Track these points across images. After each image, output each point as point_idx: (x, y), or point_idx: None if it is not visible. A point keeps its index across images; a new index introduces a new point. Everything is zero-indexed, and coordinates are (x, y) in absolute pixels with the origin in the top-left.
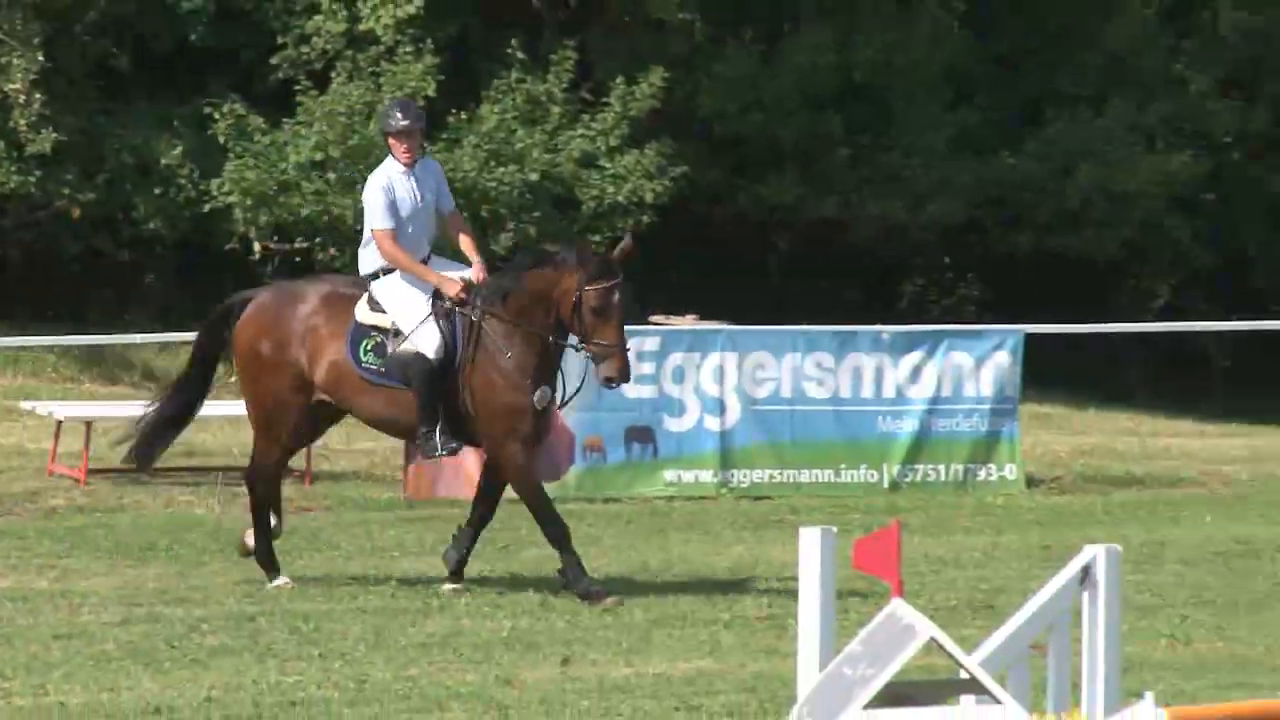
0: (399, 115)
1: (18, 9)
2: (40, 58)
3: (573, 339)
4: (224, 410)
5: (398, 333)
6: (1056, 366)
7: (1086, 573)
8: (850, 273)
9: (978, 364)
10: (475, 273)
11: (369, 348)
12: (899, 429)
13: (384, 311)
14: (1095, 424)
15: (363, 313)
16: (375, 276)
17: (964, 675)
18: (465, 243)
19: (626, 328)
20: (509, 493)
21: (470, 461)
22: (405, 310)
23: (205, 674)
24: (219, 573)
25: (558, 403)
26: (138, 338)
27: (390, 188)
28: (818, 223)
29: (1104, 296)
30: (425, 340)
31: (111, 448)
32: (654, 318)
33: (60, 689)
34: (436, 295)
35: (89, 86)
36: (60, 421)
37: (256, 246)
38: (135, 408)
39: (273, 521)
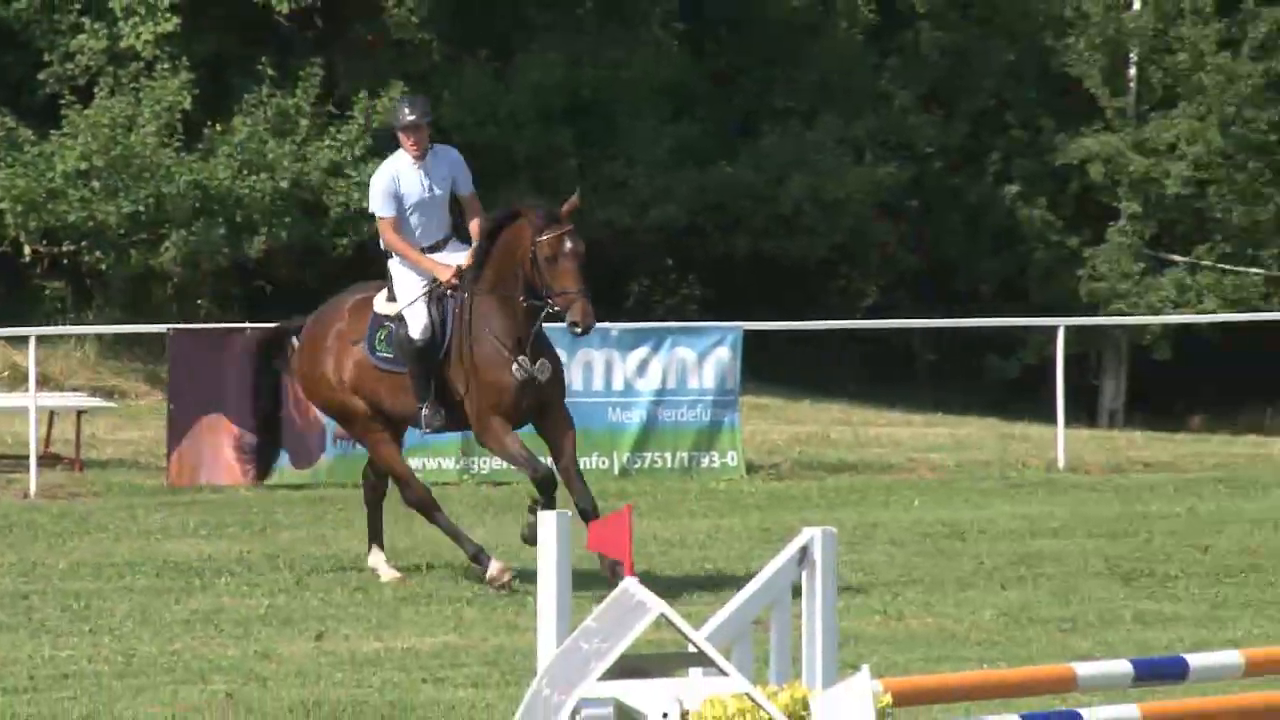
0: (406, 111)
1: None
2: None
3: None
4: None
5: (402, 318)
6: (775, 361)
7: (804, 553)
8: None
9: (700, 359)
10: (467, 256)
11: (381, 337)
12: (628, 419)
13: (395, 300)
14: (810, 414)
15: (380, 304)
16: (389, 256)
17: (691, 649)
18: (473, 226)
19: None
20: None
21: (228, 450)
22: (404, 295)
23: None
24: None
25: (546, 371)
26: None
27: (396, 178)
28: None
29: (816, 296)
30: (413, 322)
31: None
32: None
33: None
34: (435, 280)
35: None
36: None
37: (27, 250)
38: None
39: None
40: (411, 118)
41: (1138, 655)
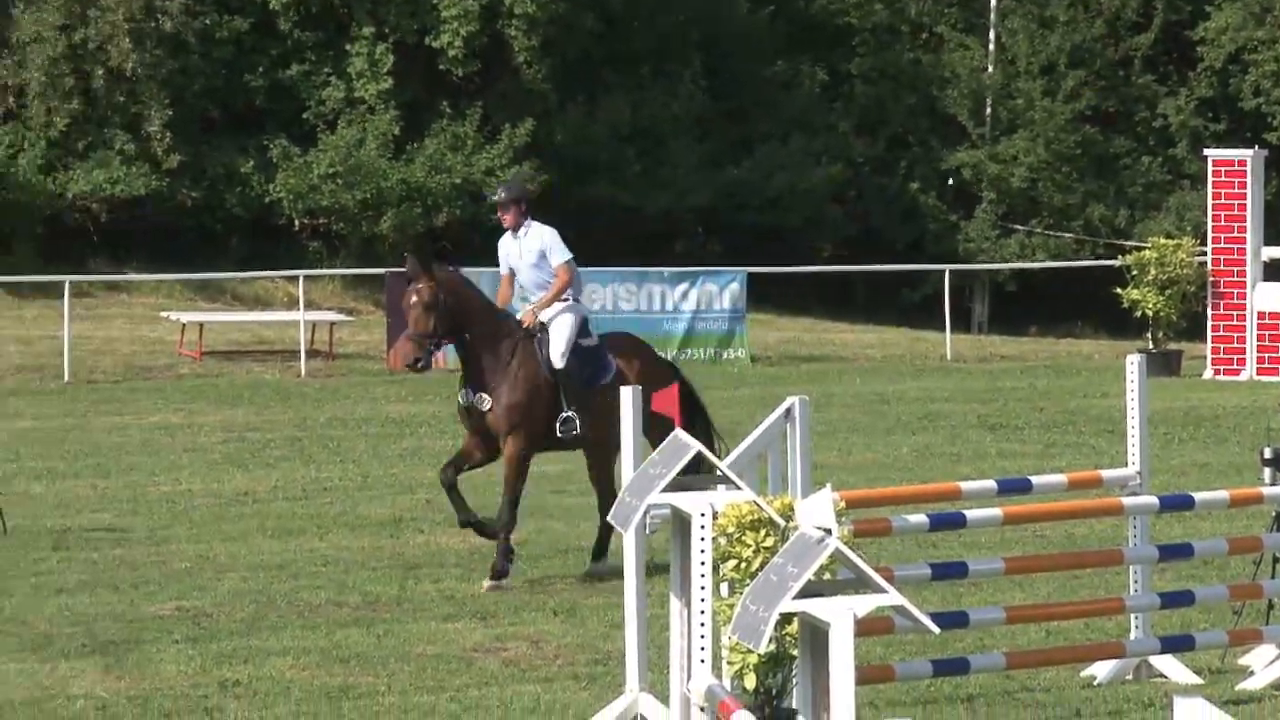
0: (500, 192)
1: None
2: None
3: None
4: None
5: None
6: (768, 291)
7: (789, 413)
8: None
9: (720, 290)
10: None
11: None
12: (675, 328)
13: None
14: (791, 325)
15: None
16: None
17: (719, 474)
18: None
19: None
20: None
21: None
22: None
23: None
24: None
25: (485, 403)
26: (219, 275)
27: (501, 247)
28: None
29: (794, 251)
30: None
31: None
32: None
33: (187, 480)
34: None
35: None
36: (184, 324)
37: (298, 223)
38: (223, 316)
39: None
40: (497, 198)
41: (1000, 476)
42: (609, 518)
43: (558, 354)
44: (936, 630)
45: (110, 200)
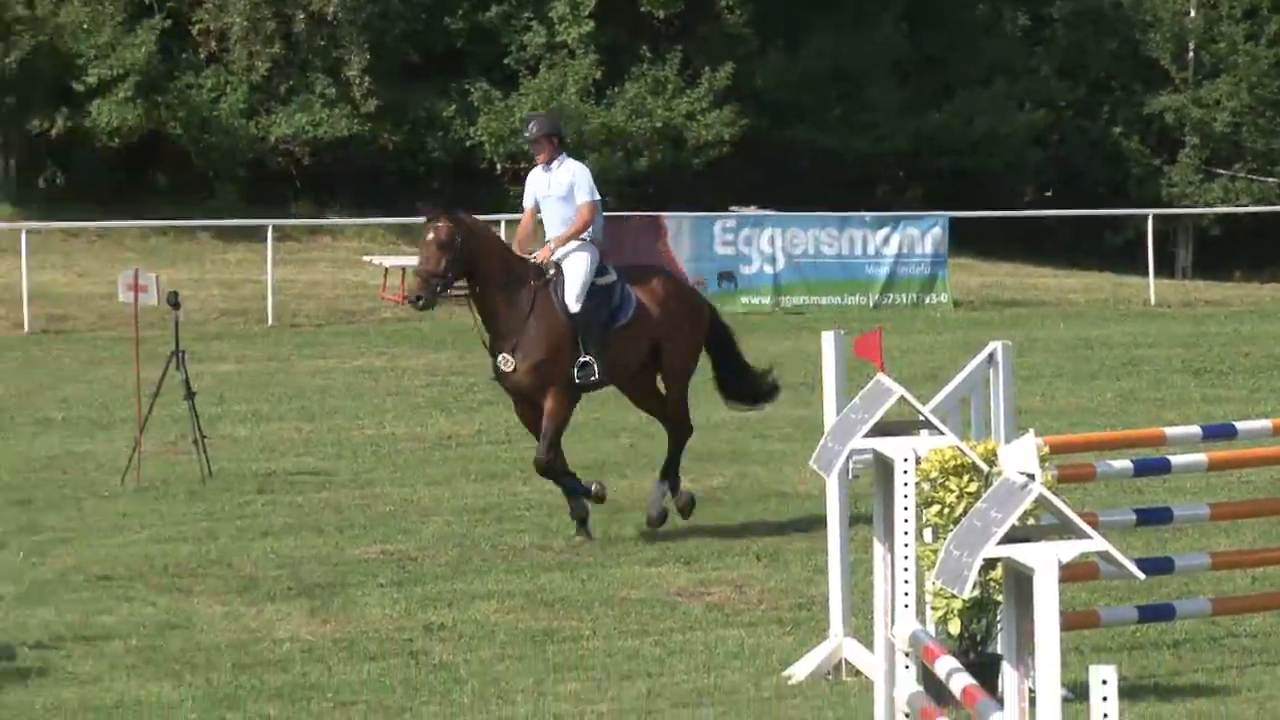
0: (531, 128)
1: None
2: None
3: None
4: None
5: None
6: (970, 236)
7: (991, 358)
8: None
9: (922, 235)
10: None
11: None
12: (878, 272)
13: None
14: (993, 270)
15: None
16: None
17: (921, 418)
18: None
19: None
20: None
21: None
22: None
23: None
24: None
25: (509, 364)
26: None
27: (530, 181)
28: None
29: (993, 195)
30: None
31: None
32: (732, 206)
33: (391, 424)
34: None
35: None
36: (386, 268)
37: (499, 166)
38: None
39: None
40: (528, 133)
41: (1204, 422)
42: (813, 463)
43: (572, 297)
44: (1141, 576)
45: (312, 143)
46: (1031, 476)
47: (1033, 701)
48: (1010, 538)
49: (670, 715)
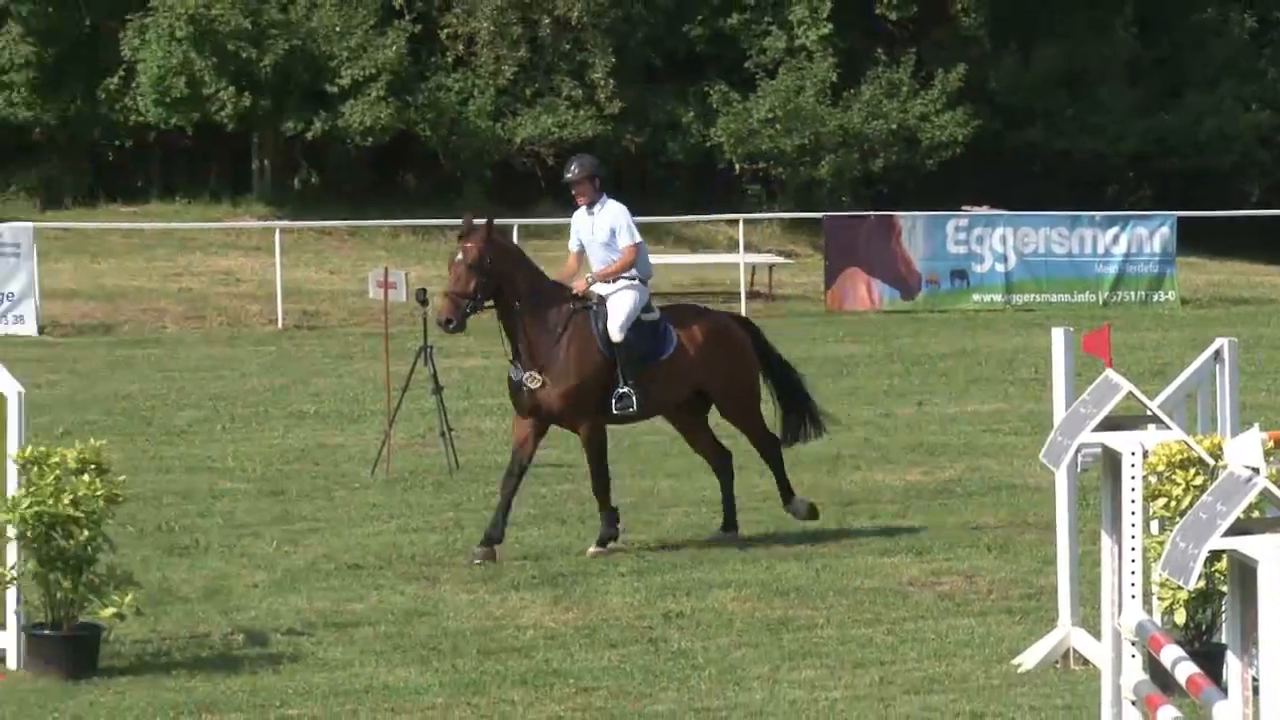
0: (571, 169)
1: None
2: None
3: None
4: None
5: None
6: (1197, 235)
7: (1218, 354)
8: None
9: (1150, 234)
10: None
11: None
12: (1106, 271)
13: None
14: (1219, 268)
15: None
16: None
17: (1148, 413)
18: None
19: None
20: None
21: (863, 290)
22: None
23: None
24: None
25: (536, 382)
26: (662, 218)
27: (574, 223)
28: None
29: (1220, 195)
30: None
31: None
32: (964, 206)
33: None
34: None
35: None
36: None
37: (737, 166)
38: (665, 258)
39: None
40: (568, 177)
41: None
42: (1042, 456)
43: (616, 327)
44: None
45: (557, 145)
46: (1256, 470)
47: (1256, 690)
48: (1235, 530)
49: (902, 702)
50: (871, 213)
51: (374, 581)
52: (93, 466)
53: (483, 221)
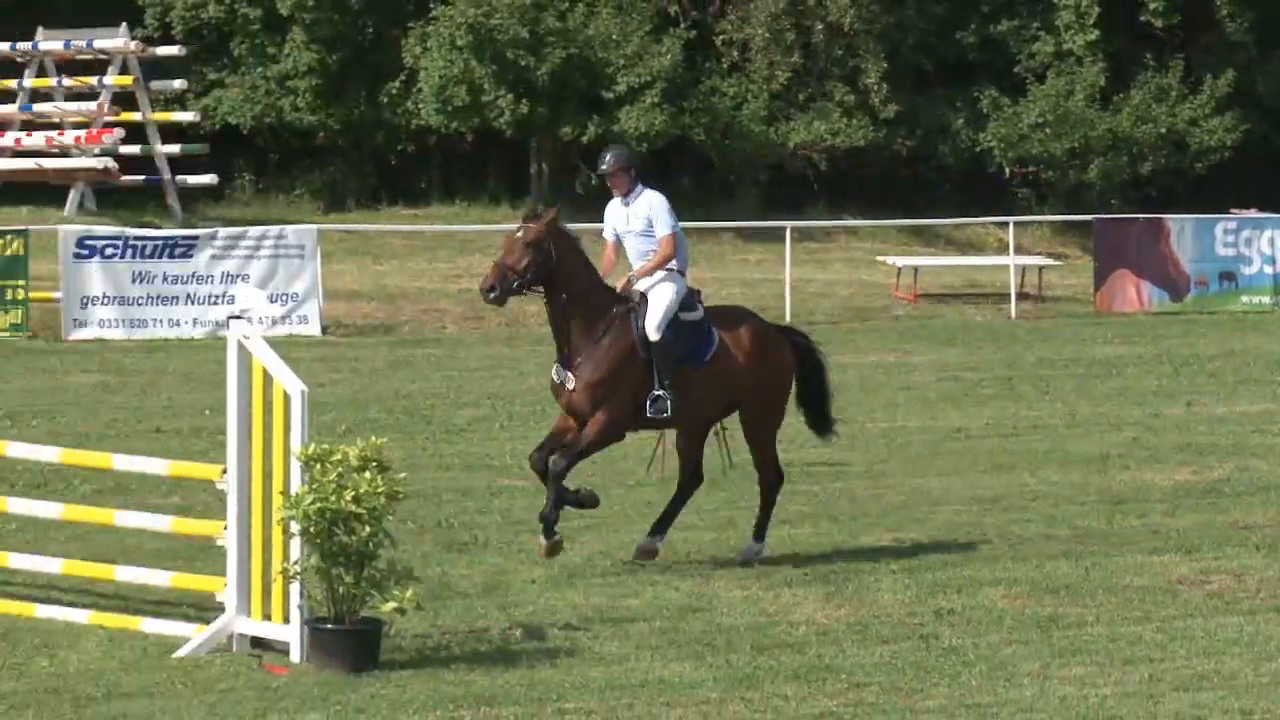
0: (606, 160)
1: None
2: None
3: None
4: None
5: None
6: None
7: None
8: None
9: None
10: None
11: None
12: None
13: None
14: None
15: None
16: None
17: None
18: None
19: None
20: None
21: (1133, 292)
22: None
23: None
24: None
25: (571, 382)
26: (933, 221)
27: (608, 214)
28: None
29: None
30: None
31: None
32: (1232, 209)
33: (902, 417)
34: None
35: None
36: (899, 268)
37: (1007, 170)
38: (936, 260)
39: None
40: (602, 168)
41: None
42: None
43: (653, 325)
44: None
45: (830, 150)
46: None
47: None
48: None
49: (1171, 699)
50: (1141, 215)
51: (649, 578)
52: (374, 464)
53: (551, 210)
